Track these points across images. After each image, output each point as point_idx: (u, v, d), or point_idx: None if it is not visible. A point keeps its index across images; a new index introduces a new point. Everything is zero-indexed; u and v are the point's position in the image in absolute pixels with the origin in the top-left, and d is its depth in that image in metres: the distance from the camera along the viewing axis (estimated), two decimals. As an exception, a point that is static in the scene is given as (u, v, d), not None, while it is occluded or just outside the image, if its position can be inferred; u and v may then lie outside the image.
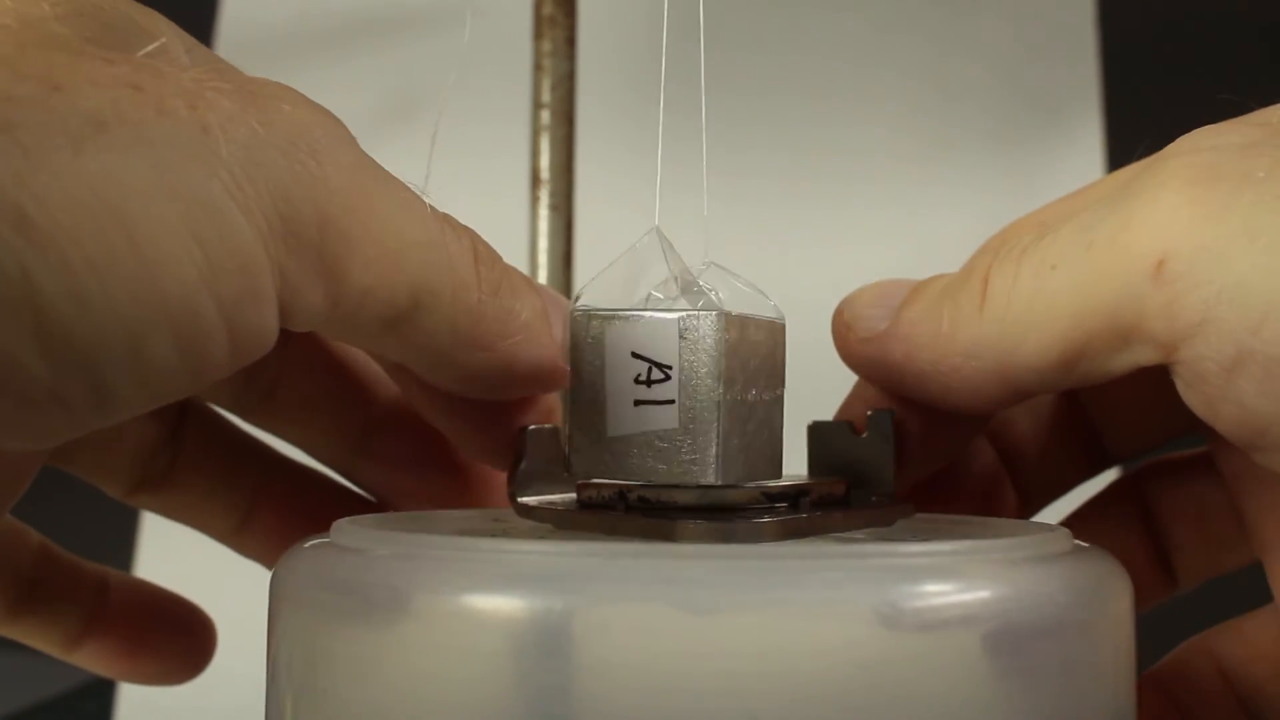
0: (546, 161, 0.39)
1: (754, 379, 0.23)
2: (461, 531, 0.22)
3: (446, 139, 0.25)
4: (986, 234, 0.25)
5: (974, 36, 0.61)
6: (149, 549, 0.60)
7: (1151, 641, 0.25)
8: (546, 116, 0.39)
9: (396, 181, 0.21)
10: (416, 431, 0.28)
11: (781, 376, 0.24)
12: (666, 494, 0.22)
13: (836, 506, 0.24)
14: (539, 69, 0.39)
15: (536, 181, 0.39)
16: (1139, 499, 0.29)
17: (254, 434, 0.30)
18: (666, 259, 0.23)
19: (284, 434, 0.29)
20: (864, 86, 0.61)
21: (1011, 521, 0.27)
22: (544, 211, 0.39)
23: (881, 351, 0.24)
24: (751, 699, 0.18)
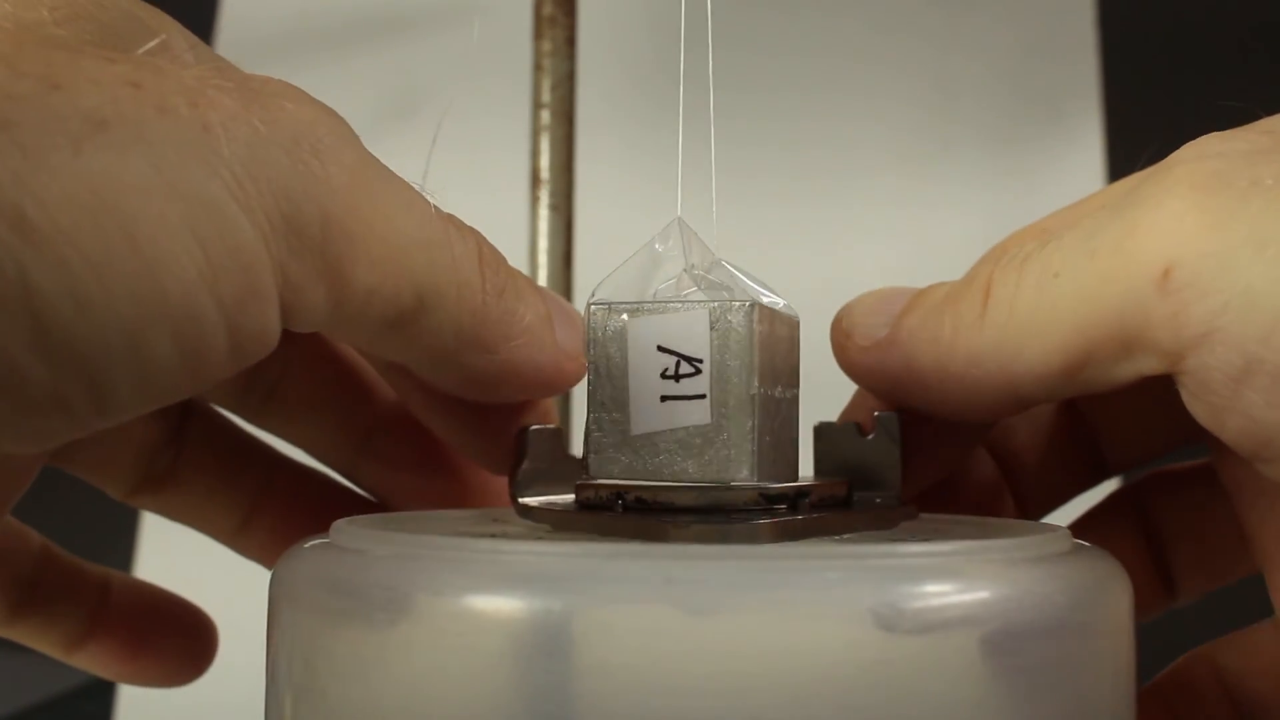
0: (546, 161, 0.39)
1: (780, 375, 0.22)
2: (461, 532, 0.22)
3: (446, 138, 0.25)
4: (987, 232, 0.25)
5: (974, 36, 0.61)
6: (149, 549, 0.60)
7: (1152, 653, 0.25)
8: (546, 116, 0.39)
9: (400, 181, 0.21)
10: (418, 432, 0.28)
11: (798, 374, 0.24)
12: (664, 494, 0.22)
13: (837, 508, 0.24)
14: (539, 69, 0.39)
15: (536, 181, 0.39)
16: (1139, 509, 0.28)
17: (255, 434, 0.30)
18: (690, 250, 0.22)
19: (286, 434, 0.29)
20: (864, 86, 0.61)
21: (1011, 522, 0.27)
22: (544, 211, 0.39)
23: (881, 360, 0.24)
24: (751, 699, 0.18)
